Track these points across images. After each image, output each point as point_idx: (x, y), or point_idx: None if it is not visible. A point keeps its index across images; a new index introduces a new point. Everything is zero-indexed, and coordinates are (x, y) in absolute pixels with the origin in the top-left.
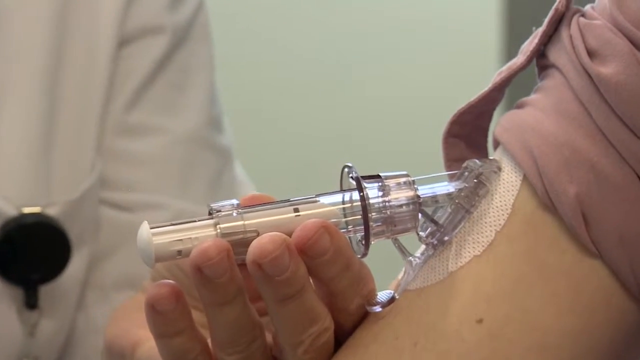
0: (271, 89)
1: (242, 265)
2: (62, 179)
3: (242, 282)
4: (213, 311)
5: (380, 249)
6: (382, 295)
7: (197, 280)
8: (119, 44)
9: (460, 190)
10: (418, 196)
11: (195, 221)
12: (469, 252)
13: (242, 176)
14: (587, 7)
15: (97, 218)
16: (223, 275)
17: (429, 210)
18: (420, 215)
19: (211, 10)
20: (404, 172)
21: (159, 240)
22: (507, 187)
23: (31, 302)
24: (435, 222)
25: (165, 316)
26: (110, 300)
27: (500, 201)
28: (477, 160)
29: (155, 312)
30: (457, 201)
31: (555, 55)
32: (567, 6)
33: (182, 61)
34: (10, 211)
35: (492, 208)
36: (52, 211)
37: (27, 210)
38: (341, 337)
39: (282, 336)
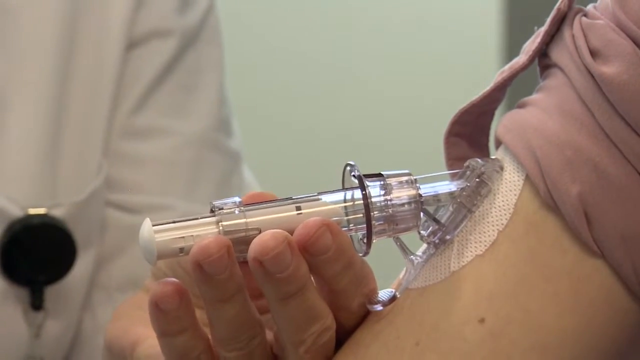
0: (272, 89)
1: (244, 262)
2: (69, 180)
3: (242, 280)
4: (213, 307)
5: (382, 248)
6: (384, 294)
7: (197, 277)
8: (128, 46)
9: (462, 189)
10: (420, 195)
11: (197, 219)
12: (471, 251)
13: (250, 179)
14: (590, 7)
15: (103, 220)
16: (223, 272)
17: (430, 209)
18: (422, 214)
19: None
20: (406, 171)
21: (161, 237)
22: (510, 186)
23: (37, 303)
24: (437, 221)
25: (169, 314)
26: (114, 301)
27: (503, 201)
28: (479, 160)
29: (159, 311)
30: (459, 200)
31: (558, 54)
32: (570, 6)
33: (191, 63)
34: (16, 212)
35: (495, 207)
36: (57, 212)
37: (32, 211)
38: (342, 336)
39: (283, 334)
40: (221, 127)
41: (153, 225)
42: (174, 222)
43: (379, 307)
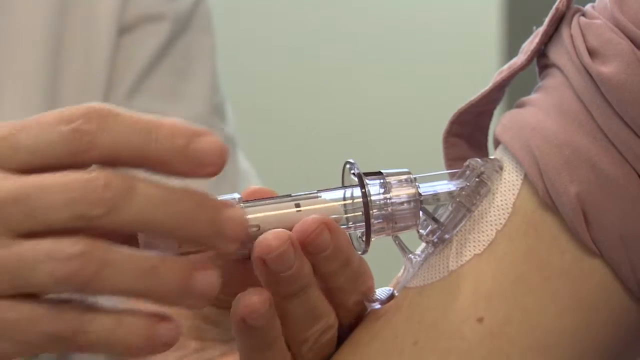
0: (272, 87)
1: (245, 259)
2: None
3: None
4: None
5: (381, 246)
6: (381, 292)
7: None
8: (120, 32)
9: (461, 188)
10: (419, 194)
11: None
12: (470, 250)
13: (245, 165)
14: (588, 7)
15: None
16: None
17: (430, 208)
18: (421, 213)
19: (213, 10)
20: (406, 170)
21: None
22: (508, 186)
23: None
24: (436, 220)
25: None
26: None
27: (501, 200)
28: (479, 160)
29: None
30: (458, 200)
31: (556, 54)
32: (568, 5)
33: (183, 49)
34: None
35: (493, 207)
36: None
37: None
38: (339, 333)
39: (286, 332)
40: (215, 113)
41: None
42: None
43: (376, 305)
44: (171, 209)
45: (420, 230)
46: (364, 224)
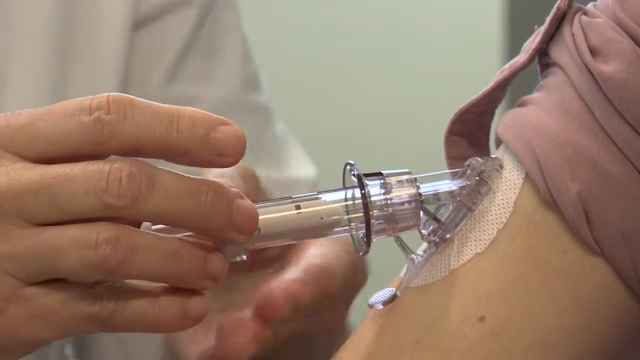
0: (273, 88)
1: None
2: None
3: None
4: None
5: (382, 247)
6: (384, 292)
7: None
8: (136, 25)
9: (462, 188)
10: (420, 194)
11: None
12: (471, 249)
13: (283, 133)
14: (589, 5)
15: None
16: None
17: (431, 208)
18: (422, 213)
19: None
20: (406, 170)
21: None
22: (509, 185)
23: None
24: (437, 220)
25: None
26: None
27: (502, 199)
28: (479, 159)
29: None
30: (459, 199)
31: (558, 53)
32: (569, 4)
33: (211, 29)
34: None
35: (494, 206)
36: None
37: None
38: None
39: None
40: (247, 85)
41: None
42: None
43: (379, 306)
44: (192, 201)
45: (422, 230)
46: (364, 225)
